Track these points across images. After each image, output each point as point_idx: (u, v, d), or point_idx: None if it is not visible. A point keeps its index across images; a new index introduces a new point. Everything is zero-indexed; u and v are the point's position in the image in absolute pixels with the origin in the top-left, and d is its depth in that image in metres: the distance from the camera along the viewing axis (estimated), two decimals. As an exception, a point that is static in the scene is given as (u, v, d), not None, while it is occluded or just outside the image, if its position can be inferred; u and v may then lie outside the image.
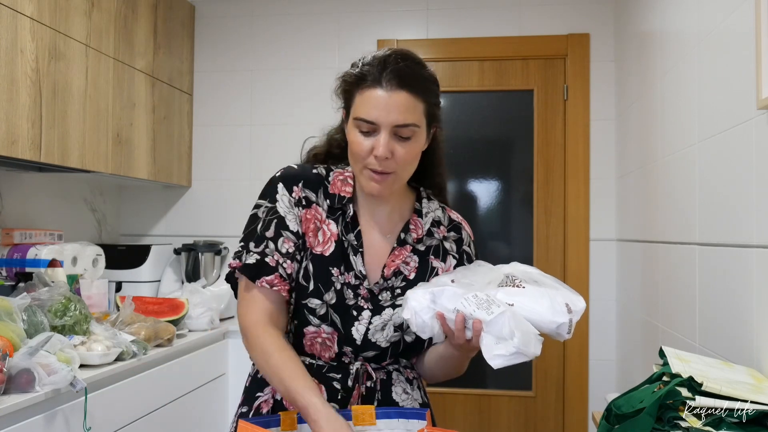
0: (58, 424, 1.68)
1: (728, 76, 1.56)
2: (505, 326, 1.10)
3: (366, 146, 1.20)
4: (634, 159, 2.59)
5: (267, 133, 3.21)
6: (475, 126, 3.13)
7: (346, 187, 1.31)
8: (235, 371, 2.79)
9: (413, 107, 1.20)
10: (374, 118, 1.19)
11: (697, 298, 1.77)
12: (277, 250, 1.24)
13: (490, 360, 1.10)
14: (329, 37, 3.19)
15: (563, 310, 1.15)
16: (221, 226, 3.22)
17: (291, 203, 1.27)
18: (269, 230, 1.25)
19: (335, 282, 1.26)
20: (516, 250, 3.11)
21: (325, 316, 1.25)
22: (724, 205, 1.59)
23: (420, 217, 1.35)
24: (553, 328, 1.15)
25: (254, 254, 1.24)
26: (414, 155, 1.24)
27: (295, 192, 1.28)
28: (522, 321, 1.12)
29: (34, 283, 2.13)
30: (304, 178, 1.30)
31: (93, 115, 2.43)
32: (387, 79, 1.19)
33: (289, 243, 1.25)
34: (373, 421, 1.19)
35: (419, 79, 1.22)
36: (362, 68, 1.22)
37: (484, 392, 3.08)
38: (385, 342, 1.28)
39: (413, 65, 1.23)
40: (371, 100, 1.19)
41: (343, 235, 1.28)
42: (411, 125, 1.20)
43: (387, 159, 1.20)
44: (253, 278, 1.23)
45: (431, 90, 1.25)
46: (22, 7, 2.04)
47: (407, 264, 1.31)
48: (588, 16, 3.05)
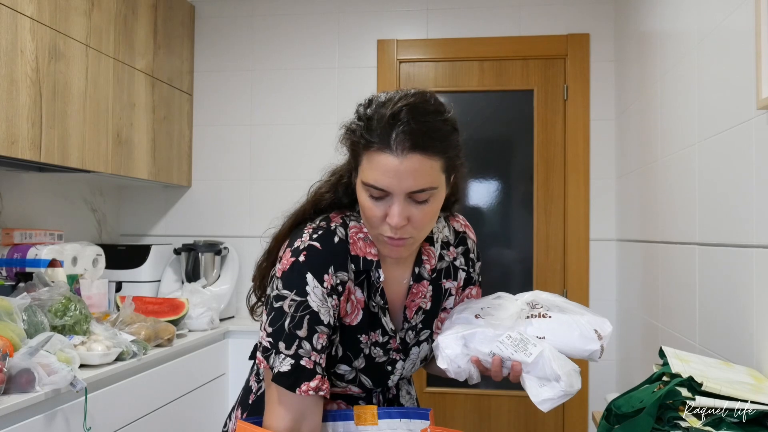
0: (58, 424, 1.68)
1: (728, 76, 1.56)
2: (546, 367, 1.11)
3: (379, 213, 1.07)
4: (634, 159, 2.59)
5: (267, 133, 3.21)
6: (475, 126, 3.13)
7: (369, 248, 1.17)
8: (235, 371, 2.79)
9: (429, 169, 1.05)
10: (385, 186, 1.04)
11: (697, 298, 1.77)
12: (313, 348, 1.09)
13: (539, 404, 1.11)
14: (329, 37, 3.19)
15: (593, 336, 1.16)
16: (221, 226, 3.22)
17: (324, 295, 1.11)
18: (301, 329, 1.09)
19: (363, 348, 1.19)
20: (516, 250, 3.11)
21: (354, 380, 1.22)
22: (724, 205, 1.59)
23: (431, 244, 1.25)
24: (586, 356, 1.17)
25: (287, 357, 1.08)
26: (432, 215, 1.10)
27: (326, 281, 1.11)
28: (560, 357, 1.13)
29: (34, 283, 2.13)
30: (333, 261, 1.12)
31: (93, 115, 2.43)
32: (397, 142, 1.02)
33: (323, 337, 1.11)
34: (375, 421, 1.19)
35: (435, 136, 1.05)
36: (368, 123, 1.06)
37: (484, 392, 3.08)
38: (410, 374, 1.31)
39: (427, 119, 1.05)
40: (380, 166, 1.04)
41: (369, 299, 1.18)
42: (428, 189, 1.06)
43: (403, 226, 1.07)
44: (292, 387, 1.08)
45: (450, 142, 1.09)
46: (22, 7, 2.04)
47: (424, 296, 1.25)
48: (588, 16, 3.05)
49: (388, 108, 1.05)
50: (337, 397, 1.25)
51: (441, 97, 1.20)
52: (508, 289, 1.24)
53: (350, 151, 1.13)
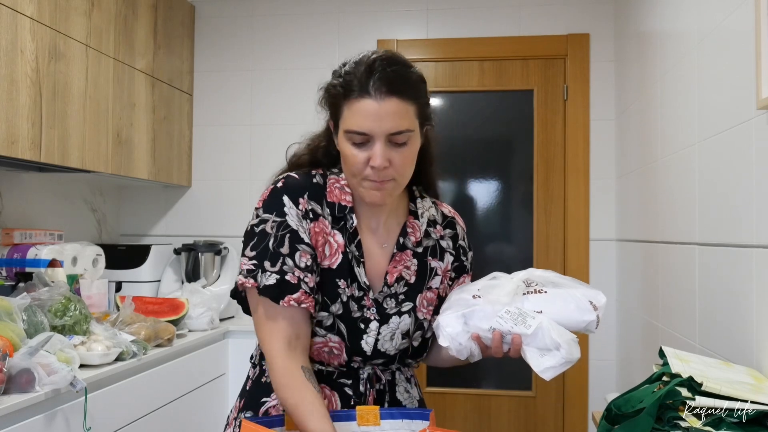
0: (58, 424, 1.68)
1: (728, 76, 1.56)
2: (546, 337, 1.14)
3: (361, 158, 1.17)
4: (634, 159, 2.59)
5: (267, 133, 3.22)
6: (475, 126, 3.13)
7: (345, 195, 1.26)
8: (235, 371, 2.79)
9: (405, 112, 1.16)
10: (367, 129, 1.15)
11: (697, 298, 1.77)
12: (296, 265, 1.18)
13: (542, 373, 1.14)
14: (329, 37, 3.19)
15: (589, 308, 1.19)
16: (221, 226, 3.22)
17: (299, 216, 1.22)
18: (284, 246, 1.19)
19: (342, 294, 1.23)
20: (516, 250, 3.11)
21: (332, 326, 1.24)
22: (724, 205, 1.59)
23: (416, 218, 1.32)
24: (582, 327, 1.19)
25: (272, 274, 1.17)
26: (411, 159, 1.21)
27: (301, 204, 1.23)
28: (558, 328, 1.16)
29: (34, 283, 2.13)
30: (309, 190, 1.24)
31: (93, 115, 2.43)
32: (375, 87, 1.14)
33: (306, 256, 1.20)
34: (378, 421, 1.19)
35: (408, 82, 1.18)
36: (345, 77, 1.18)
37: (484, 392, 3.07)
38: (394, 350, 1.28)
39: (400, 69, 1.18)
40: (361, 111, 1.15)
41: (347, 246, 1.25)
42: (405, 131, 1.17)
43: (385, 168, 1.16)
44: (277, 299, 1.17)
45: (421, 90, 1.22)
46: (22, 7, 2.04)
47: (408, 268, 1.29)
48: (588, 16, 3.05)
49: (362, 63, 1.18)
50: (326, 380, 1.25)
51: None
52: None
53: (330, 108, 1.23)
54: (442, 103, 3.14)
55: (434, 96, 3.13)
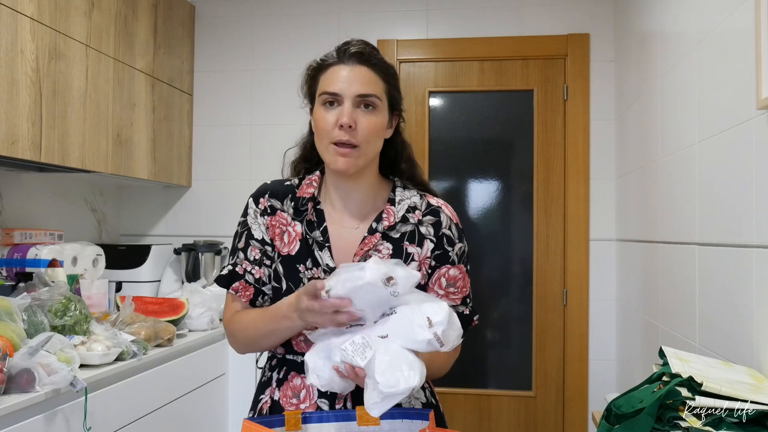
0: (58, 424, 1.68)
1: (728, 76, 1.56)
2: (375, 370, 1.05)
3: (330, 119, 1.26)
4: (634, 159, 2.59)
5: (267, 133, 3.22)
6: (475, 126, 3.13)
7: (309, 188, 1.36)
8: (235, 371, 2.79)
9: (374, 81, 1.28)
10: (338, 89, 1.26)
11: (697, 298, 1.77)
12: (246, 258, 1.35)
13: (368, 410, 1.06)
14: (329, 37, 3.19)
15: (425, 324, 1.08)
16: (221, 226, 3.22)
17: (256, 214, 1.36)
18: (241, 242, 1.37)
19: (303, 278, 1.30)
20: (516, 251, 3.11)
21: None
22: (724, 205, 1.59)
23: (393, 205, 1.35)
24: (424, 347, 1.09)
25: (229, 265, 1.36)
26: (377, 128, 1.29)
27: (261, 203, 1.37)
28: (397, 356, 1.07)
29: (34, 283, 2.13)
30: (271, 189, 1.38)
31: (93, 115, 2.43)
32: (348, 56, 1.29)
33: (255, 250, 1.35)
34: (378, 421, 1.19)
35: (379, 62, 1.31)
36: (323, 57, 1.33)
37: (484, 392, 3.08)
38: None
39: (372, 50, 1.32)
40: (334, 75, 1.28)
41: (307, 233, 1.32)
42: (373, 95, 1.27)
43: (351, 128, 1.25)
44: (227, 286, 1.35)
45: (391, 74, 1.33)
46: (22, 7, 2.04)
47: (378, 251, 1.30)
48: (588, 16, 3.05)
49: (339, 45, 1.33)
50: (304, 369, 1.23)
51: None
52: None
53: (309, 84, 1.35)
54: (442, 103, 3.14)
55: (434, 96, 3.13)
